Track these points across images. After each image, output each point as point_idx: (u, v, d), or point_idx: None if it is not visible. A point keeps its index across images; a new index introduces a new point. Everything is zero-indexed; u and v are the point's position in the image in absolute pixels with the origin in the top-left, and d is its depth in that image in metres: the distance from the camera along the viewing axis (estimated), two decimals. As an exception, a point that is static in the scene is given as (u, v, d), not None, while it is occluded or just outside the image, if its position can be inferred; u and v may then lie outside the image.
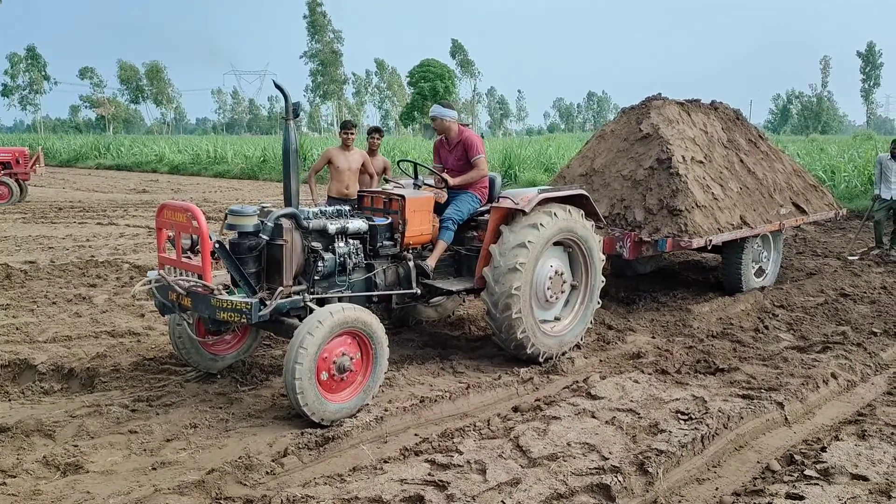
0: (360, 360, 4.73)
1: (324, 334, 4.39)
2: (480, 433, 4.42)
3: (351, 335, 4.63)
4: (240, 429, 4.53)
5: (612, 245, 7.33)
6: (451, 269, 6.09)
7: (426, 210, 5.80)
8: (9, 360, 5.60)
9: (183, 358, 5.36)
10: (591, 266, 6.20)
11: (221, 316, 4.52)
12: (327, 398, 4.51)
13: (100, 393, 5.15)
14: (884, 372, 5.78)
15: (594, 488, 3.70)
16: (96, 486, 3.78)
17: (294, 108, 4.99)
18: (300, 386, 4.30)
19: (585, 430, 4.45)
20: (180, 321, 5.12)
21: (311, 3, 79.32)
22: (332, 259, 5.15)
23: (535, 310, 5.75)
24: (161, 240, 4.93)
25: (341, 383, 4.63)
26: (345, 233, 5.28)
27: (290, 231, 4.92)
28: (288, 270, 4.91)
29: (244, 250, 4.79)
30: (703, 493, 3.80)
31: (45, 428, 4.44)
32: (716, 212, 7.53)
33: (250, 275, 4.80)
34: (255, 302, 4.51)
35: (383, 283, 5.57)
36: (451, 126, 6.17)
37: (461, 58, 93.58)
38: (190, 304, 4.65)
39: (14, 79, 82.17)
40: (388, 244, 5.61)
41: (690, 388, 5.26)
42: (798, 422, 4.77)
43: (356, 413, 4.65)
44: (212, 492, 3.68)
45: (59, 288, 8.30)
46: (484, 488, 3.70)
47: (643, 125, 8.27)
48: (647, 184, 7.69)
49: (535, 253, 5.60)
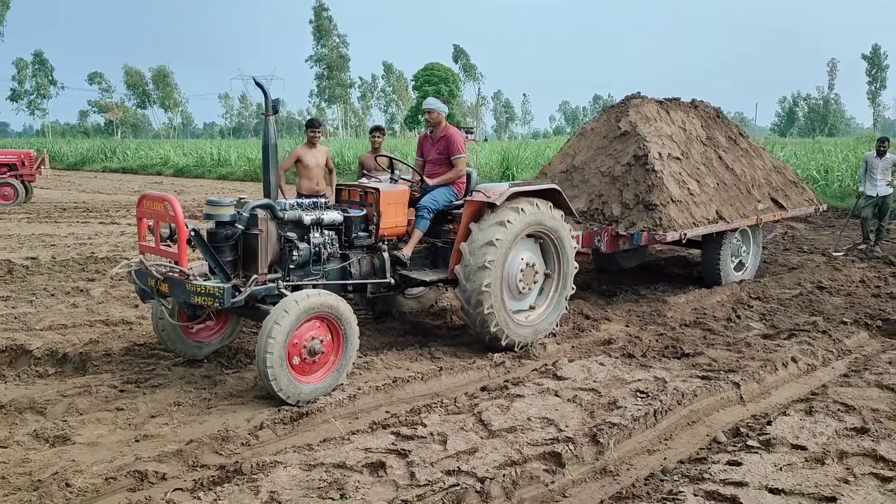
0: (331, 342, 4.96)
1: (291, 322, 4.60)
2: (446, 409, 4.67)
3: (319, 319, 4.85)
4: (221, 406, 4.79)
5: (590, 239, 7.57)
6: (427, 260, 6.32)
7: (401, 203, 6.03)
8: (6, 345, 5.88)
9: (166, 346, 5.61)
10: (562, 255, 6.42)
11: (196, 300, 4.77)
12: (301, 381, 4.74)
13: (91, 375, 5.42)
14: (846, 357, 6.00)
15: (546, 456, 3.94)
16: (82, 455, 4.05)
17: (273, 104, 5.24)
18: (272, 373, 4.54)
19: (546, 407, 4.70)
20: (161, 312, 5.33)
21: (317, 7, 79.86)
22: (307, 249, 5.39)
23: (507, 302, 5.97)
24: (141, 229, 5.20)
25: (314, 365, 4.86)
26: (320, 224, 5.52)
27: (265, 221, 5.17)
28: (263, 259, 5.14)
29: (221, 239, 5.04)
30: (651, 462, 4.04)
31: (37, 406, 4.71)
32: (691, 206, 7.76)
33: (227, 263, 5.04)
34: (227, 287, 4.76)
35: (358, 273, 5.80)
36: (442, 120, 6.45)
37: (464, 62, 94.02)
38: (167, 289, 4.90)
39: (21, 84, 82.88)
40: (362, 235, 5.84)
41: (654, 370, 5.50)
42: (753, 401, 5.00)
43: (331, 392, 4.90)
44: (189, 460, 3.94)
45: (58, 281, 8.60)
46: (443, 456, 3.95)
47: (622, 123, 8.51)
48: (624, 180, 7.93)
49: (504, 249, 5.80)
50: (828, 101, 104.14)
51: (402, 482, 3.66)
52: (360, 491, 3.56)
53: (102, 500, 3.52)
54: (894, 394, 4.96)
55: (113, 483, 3.66)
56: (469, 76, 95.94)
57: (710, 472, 3.77)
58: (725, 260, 8.57)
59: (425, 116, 6.52)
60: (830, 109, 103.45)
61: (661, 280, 9.11)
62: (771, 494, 3.51)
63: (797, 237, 13.26)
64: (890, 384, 5.12)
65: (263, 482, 3.61)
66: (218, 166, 31.71)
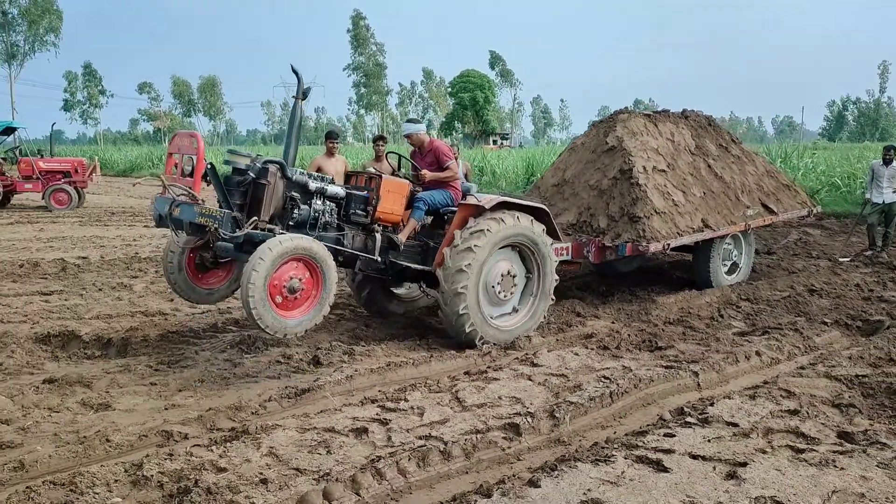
0: (311, 279, 5.49)
1: (267, 267, 5.12)
2: (429, 388, 5.36)
3: (296, 261, 5.36)
4: (237, 384, 5.55)
5: (579, 250, 8.06)
6: (418, 256, 6.88)
7: (399, 193, 6.60)
8: (59, 331, 6.75)
9: (176, 292, 6.34)
10: (542, 268, 6.89)
11: (199, 220, 5.51)
12: (286, 316, 5.33)
13: (130, 357, 6.25)
14: (811, 353, 6.50)
15: (507, 427, 4.59)
16: (120, 418, 4.83)
17: (305, 91, 6.07)
18: (257, 313, 5.12)
19: (518, 388, 5.36)
20: (174, 250, 6.07)
21: (355, 17, 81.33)
22: (307, 211, 6.06)
23: (484, 306, 6.49)
24: (169, 164, 6.03)
25: (296, 301, 5.43)
26: (323, 193, 6.18)
27: (274, 175, 5.85)
28: (266, 207, 5.80)
29: (234, 184, 5.80)
30: (601, 435, 4.66)
31: (85, 380, 5.52)
32: (675, 217, 8.20)
33: (235, 205, 5.75)
34: (228, 213, 5.51)
35: (351, 246, 6.37)
36: (423, 138, 7.09)
37: (500, 68, 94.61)
38: (178, 213, 5.64)
39: (73, 95, 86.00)
40: (360, 213, 6.42)
41: (623, 360, 6.11)
42: (709, 388, 5.57)
43: (323, 365, 5.62)
44: (207, 424, 4.70)
45: (105, 278, 9.55)
46: (418, 424, 4.64)
47: (609, 138, 9.00)
48: (610, 193, 8.43)
49: (482, 255, 6.29)
50: (879, 104, 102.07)
51: (379, 443, 4.36)
52: (343, 449, 4.27)
53: (136, 453, 4.28)
54: (839, 384, 5.46)
55: (144, 440, 4.43)
56: (506, 82, 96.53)
57: (645, 441, 4.38)
58: (716, 264, 9.04)
59: (407, 142, 7.18)
60: (882, 113, 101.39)
61: (661, 283, 9.62)
62: (691, 459, 4.12)
63: (810, 242, 13.53)
64: (838, 375, 5.63)
65: (265, 440, 4.35)
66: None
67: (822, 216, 16.78)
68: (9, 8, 58.42)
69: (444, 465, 4.10)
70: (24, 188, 19.82)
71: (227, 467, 4.00)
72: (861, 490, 3.68)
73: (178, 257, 6.14)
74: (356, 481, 3.79)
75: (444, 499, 3.72)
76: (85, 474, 3.88)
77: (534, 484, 3.80)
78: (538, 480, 3.83)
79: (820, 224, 15.83)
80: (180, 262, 6.16)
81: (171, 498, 3.70)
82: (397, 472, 3.95)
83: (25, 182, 19.76)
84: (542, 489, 3.74)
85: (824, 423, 4.62)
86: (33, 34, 59.71)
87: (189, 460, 4.09)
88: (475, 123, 78.33)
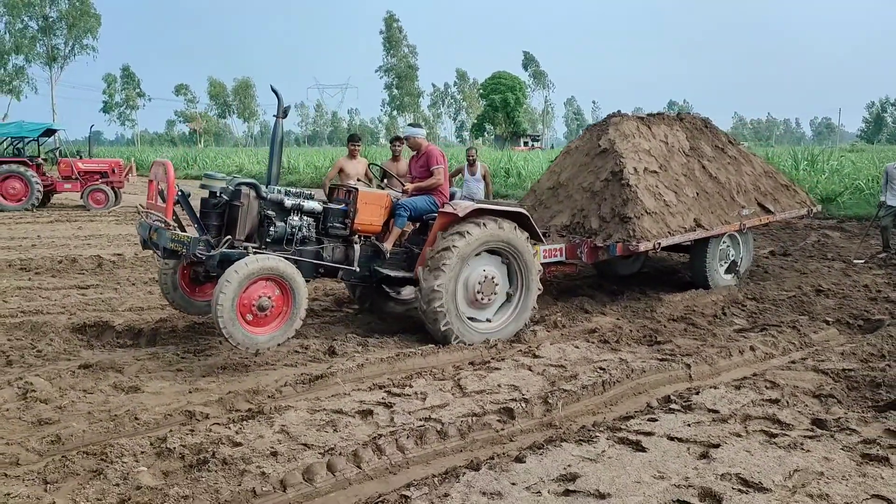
0: (280, 296, 5.81)
1: (234, 289, 5.46)
2: (434, 376, 5.73)
3: (265, 280, 5.69)
4: (256, 371, 5.97)
5: (573, 251, 8.29)
6: (403, 263, 7.10)
7: (377, 205, 6.83)
8: (94, 322, 7.26)
9: (171, 304, 6.83)
10: (524, 274, 7.04)
11: (170, 245, 5.98)
12: (255, 332, 5.69)
13: (159, 346, 6.71)
14: (806, 349, 6.74)
15: (501, 411, 4.94)
16: (148, 400, 5.27)
17: (285, 109, 6.45)
18: (227, 332, 5.50)
19: (517, 377, 5.70)
20: (166, 272, 6.57)
21: (388, 18, 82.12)
22: (283, 228, 6.40)
23: (461, 306, 6.68)
24: (151, 189, 6.51)
25: (266, 318, 5.77)
26: (300, 209, 6.51)
27: (247, 196, 6.22)
28: (241, 227, 6.17)
29: (210, 206, 6.22)
30: (590, 420, 4.99)
31: (117, 366, 5.98)
32: (666, 217, 8.41)
33: (212, 227, 6.17)
34: (195, 238, 5.94)
35: (330, 258, 6.67)
36: (421, 142, 7.42)
37: (534, 69, 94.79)
38: (156, 237, 6.11)
39: (112, 97, 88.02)
40: (338, 226, 6.70)
41: (621, 353, 6.42)
42: (700, 379, 5.86)
43: (337, 355, 6.02)
44: (227, 405, 5.11)
45: (138, 274, 10.09)
46: (420, 408, 5.01)
47: (601, 140, 9.20)
48: (602, 194, 8.63)
49: (460, 256, 6.48)
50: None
51: (382, 424, 4.74)
52: (349, 428, 4.66)
53: (161, 429, 4.70)
54: (825, 377, 5.72)
55: (170, 418, 4.86)
56: (538, 83, 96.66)
57: (629, 424, 4.71)
58: (712, 264, 9.20)
59: (405, 145, 7.51)
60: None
61: (672, 283, 9.86)
62: (668, 440, 4.43)
63: (828, 244, 13.60)
64: (825, 369, 5.88)
65: (277, 419, 4.76)
66: (287, 174, 33.60)
67: (842, 219, 16.88)
68: (49, 12, 60.01)
69: (440, 444, 4.47)
70: (63, 188, 20.61)
71: (242, 442, 4.41)
72: (821, 469, 3.96)
73: (171, 276, 6.64)
74: (358, 456, 4.17)
75: (437, 472, 4.08)
76: (115, 446, 4.31)
77: (519, 460, 4.15)
78: (524, 457, 4.18)
79: (840, 226, 15.90)
80: (174, 280, 6.66)
81: (190, 468, 4.11)
82: (396, 448, 4.32)
83: (65, 182, 20.54)
84: (526, 464, 4.09)
85: (801, 412, 4.89)
86: (73, 37, 61.24)
87: (208, 435, 4.51)
88: (506, 125, 78.63)
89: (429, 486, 3.84)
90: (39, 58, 61.15)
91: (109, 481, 3.94)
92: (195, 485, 3.87)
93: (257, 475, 3.95)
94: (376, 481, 4.05)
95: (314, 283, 9.53)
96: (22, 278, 9.79)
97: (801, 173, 20.94)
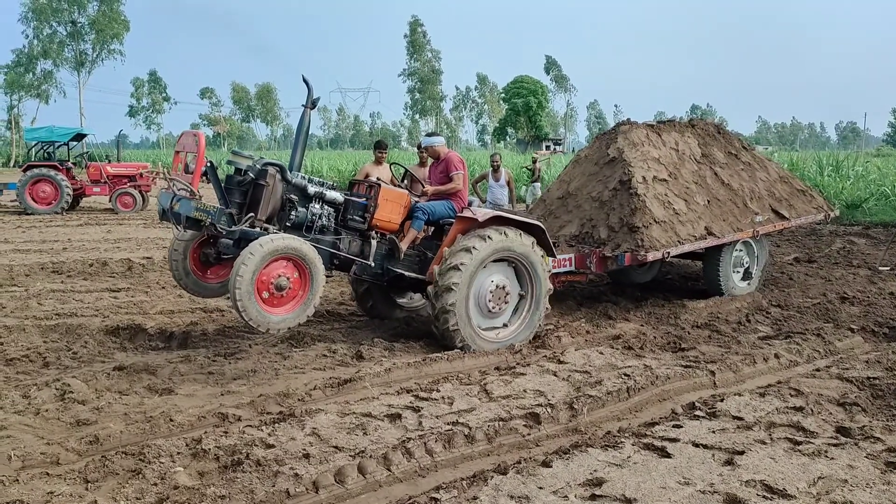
0: (298, 279, 5.74)
1: (256, 262, 5.38)
2: (460, 381, 5.82)
3: (285, 259, 5.62)
4: (286, 374, 6.10)
5: (582, 261, 8.26)
6: (416, 266, 7.10)
7: (397, 203, 6.86)
8: (127, 325, 7.43)
9: (184, 289, 6.78)
10: (535, 280, 7.02)
11: (194, 214, 5.87)
12: (270, 311, 5.58)
13: (190, 349, 6.86)
14: (830, 357, 6.74)
15: (528, 416, 5.02)
16: (182, 402, 5.41)
17: (314, 101, 6.48)
18: (242, 305, 5.39)
19: (542, 383, 5.78)
20: (176, 259, 6.49)
21: (413, 23, 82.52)
22: (304, 213, 6.35)
23: (474, 318, 6.69)
24: (176, 161, 6.53)
25: (282, 299, 5.68)
26: (322, 197, 6.53)
27: (273, 177, 6.15)
28: (263, 207, 6.07)
29: (235, 183, 6.19)
30: (615, 426, 5.04)
31: (150, 368, 6.13)
32: (676, 225, 8.35)
33: (235, 204, 6.12)
34: (220, 209, 5.93)
35: (346, 250, 6.62)
36: (440, 150, 7.45)
37: (555, 73, 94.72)
38: (178, 207, 5.97)
39: (139, 101, 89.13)
40: (357, 219, 6.68)
41: (645, 359, 6.47)
42: (725, 386, 5.89)
43: (364, 360, 6.12)
44: (258, 408, 5.24)
45: (168, 277, 10.25)
46: (447, 412, 5.11)
47: (610, 149, 9.18)
48: (611, 204, 8.60)
49: (470, 271, 6.49)
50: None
51: (411, 427, 4.84)
52: (378, 431, 4.76)
53: (195, 431, 4.83)
54: (850, 385, 5.74)
55: (203, 420, 4.99)
56: (560, 87, 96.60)
57: (654, 431, 4.77)
58: (726, 271, 9.12)
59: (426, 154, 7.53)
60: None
61: (695, 290, 9.84)
62: (693, 447, 4.49)
63: (853, 251, 13.50)
64: (850, 377, 5.90)
65: (308, 422, 4.87)
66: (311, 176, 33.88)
67: (868, 225, 16.76)
68: (78, 17, 60.93)
69: (467, 448, 4.55)
70: (92, 192, 21.01)
71: (275, 444, 4.53)
72: (845, 477, 4.00)
73: (182, 262, 6.54)
74: (388, 458, 4.27)
75: (465, 475, 4.16)
76: (152, 447, 4.44)
77: (546, 464, 4.23)
78: (550, 462, 4.25)
79: (865, 233, 15.81)
80: (185, 266, 6.56)
81: (225, 468, 4.24)
82: (425, 451, 4.41)
83: (94, 186, 20.94)
84: (553, 469, 4.17)
85: (825, 420, 4.93)
86: (101, 43, 62.11)
87: (242, 437, 4.63)
88: (528, 129, 78.64)
89: (457, 488, 3.94)
90: (67, 62, 62.05)
91: (148, 481, 4.07)
92: (231, 485, 3.99)
93: (290, 476, 4.07)
94: (406, 484, 4.14)
95: (340, 287, 9.69)
96: (55, 281, 10.03)
97: (825, 179, 20.78)
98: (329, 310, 8.47)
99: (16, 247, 13.45)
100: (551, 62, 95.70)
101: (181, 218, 6.01)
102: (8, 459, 4.26)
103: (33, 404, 5.23)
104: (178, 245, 6.54)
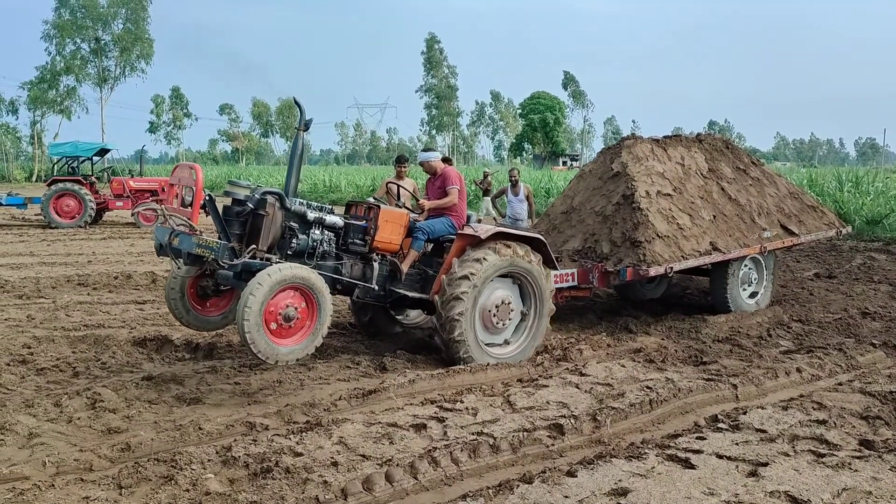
0: (306, 309, 5.62)
1: (264, 293, 5.26)
2: (483, 393, 5.89)
3: (293, 289, 5.50)
4: (311, 385, 6.19)
5: (585, 276, 8.21)
6: (417, 284, 7.07)
7: (397, 223, 6.82)
8: (154, 336, 7.56)
9: (186, 326, 6.63)
10: (538, 295, 7.02)
11: (196, 251, 5.71)
12: (278, 343, 5.46)
13: (217, 360, 6.97)
14: (852, 371, 6.74)
15: (551, 427, 5.07)
16: (210, 411, 5.51)
17: (307, 122, 6.46)
18: (250, 337, 5.24)
19: (565, 395, 5.83)
20: (174, 297, 6.25)
21: (430, 40, 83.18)
22: (305, 240, 6.21)
23: (479, 333, 6.69)
24: (171, 195, 6.49)
25: (290, 329, 5.56)
26: (322, 223, 6.39)
27: (272, 206, 6.04)
28: (264, 237, 5.97)
29: (233, 214, 6.00)
30: (639, 437, 5.09)
31: (178, 378, 6.25)
32: (680, 241, 8.26)
33: (234, 235, 5.93)
34: (224, 244, 5.79)
35: (349, 274, 6.54)
36: (436, 165, 7.46)
37: (573, 89, 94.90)
38: (178, 242, 5.84)
39: (159, 117, 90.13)
40: (358, 243, 6.63)
41: (667, 372, 6.50)
42: (747, 399, 5.91)
43: (388, 371, 6.20)
44: (285, 417, 5.33)
45: (191, 290, 10.41)
46: (471, 422, 5.17)
47: (614, 164, 9.12)
48: (613, 218, 8.54)
49: (477, 284, 6.49)
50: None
51: (436, 437, 4.90)
52: (404, 441, 4.83)
53: (224, 439, 4.92)
54: (873, 399, 5.74)
55: (231, 429, 5.08)
56: (578, 103, 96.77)
57: (677, 442, 4.80)
58: (734, 287, 9.02)
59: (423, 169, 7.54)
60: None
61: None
62: (716, 458, 4.52)
63: (874, 267, 13.43)
64: (873, 391, 5.90)
65: (335, 431, 4.95)
66: (329, 192, 34.19)
67: (888, 241, 16.66)
68: (102, 35, 61.80)
69: (492, 458, 4.61)
70: (115, 206, 21.28)
71: (303, 452, 4.61)
72: (869, 489, 4.03)
73: (180, 300, 6.29)
74: (414, 467, 4.34)
75: (491, 484, 4.22)
76: (183, 454, 4.53)
77: (571, 474, 4.28)
78: (575, 471, 4.31)
79: (886, 249, 15.73)
80: (185, 304, 6.37)
81: (255, 475, 4.32)
82: (451, 461, 4.47)
83: (117, 200, 21.21)
84: (578, 479, 4.22)
85: (848, 432, 4.94)
86: (124, 60, 62.90)
87: (270, 445, 4.71)
88: (545, 145, 78.85)
89: (484, 497, 4.00)
90: (90, 79, 62.91)
91: (180, 487, 4.16)
92: (261, 491, 4.07)
93: (319, 483, 4.14)
94: (432, 492, 4.21)
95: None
96: (81, 293, 10.20)
97: (845, 195, 20.69)
98: (351, 322, 8.55)
99: (42, 260, 13.68)
100: (569, 77, 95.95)
101: (181, 253, 5.90)
102: (42, 465, 4.37)
103: (65, 412, 5.34)
104: (173, 283, 6.32)
